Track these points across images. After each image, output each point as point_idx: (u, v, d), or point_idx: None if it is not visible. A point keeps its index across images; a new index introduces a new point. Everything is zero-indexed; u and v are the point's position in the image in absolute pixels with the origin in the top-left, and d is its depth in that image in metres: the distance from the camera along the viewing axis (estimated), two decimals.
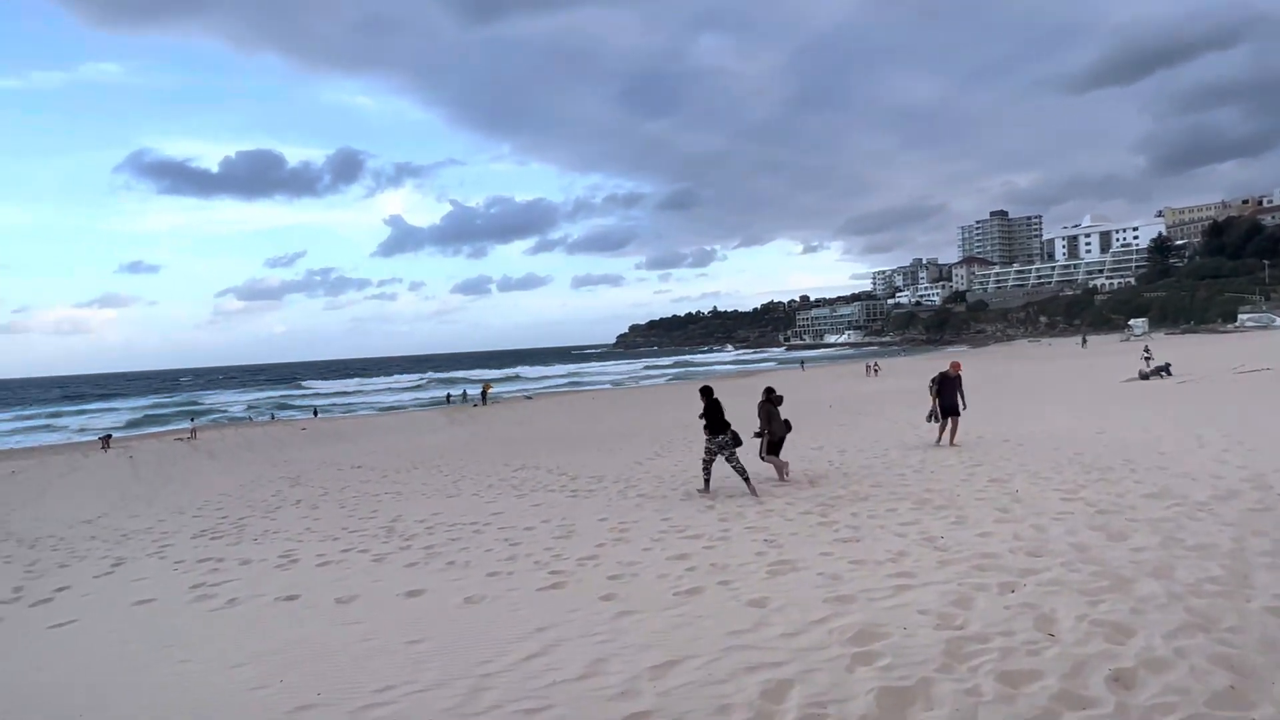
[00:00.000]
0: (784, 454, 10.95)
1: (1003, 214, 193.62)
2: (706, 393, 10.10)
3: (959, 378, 12.94)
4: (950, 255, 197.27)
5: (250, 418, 50.80)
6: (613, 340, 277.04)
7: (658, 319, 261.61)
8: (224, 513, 13.05)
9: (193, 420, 41.86)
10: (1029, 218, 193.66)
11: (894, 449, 13.21)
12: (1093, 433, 13.11)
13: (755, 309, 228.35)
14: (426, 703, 4.26)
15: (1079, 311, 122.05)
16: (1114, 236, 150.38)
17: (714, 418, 9.81)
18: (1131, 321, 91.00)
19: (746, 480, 9.66)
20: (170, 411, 59.20)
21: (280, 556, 8.63)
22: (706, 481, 10.14)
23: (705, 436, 9.92)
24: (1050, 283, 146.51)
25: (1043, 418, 16.33)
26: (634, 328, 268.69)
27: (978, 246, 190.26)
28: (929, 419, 13.21)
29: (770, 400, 10.66)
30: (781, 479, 10.48)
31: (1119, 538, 6.30)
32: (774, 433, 10.53)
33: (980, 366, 43.71)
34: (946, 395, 12.78)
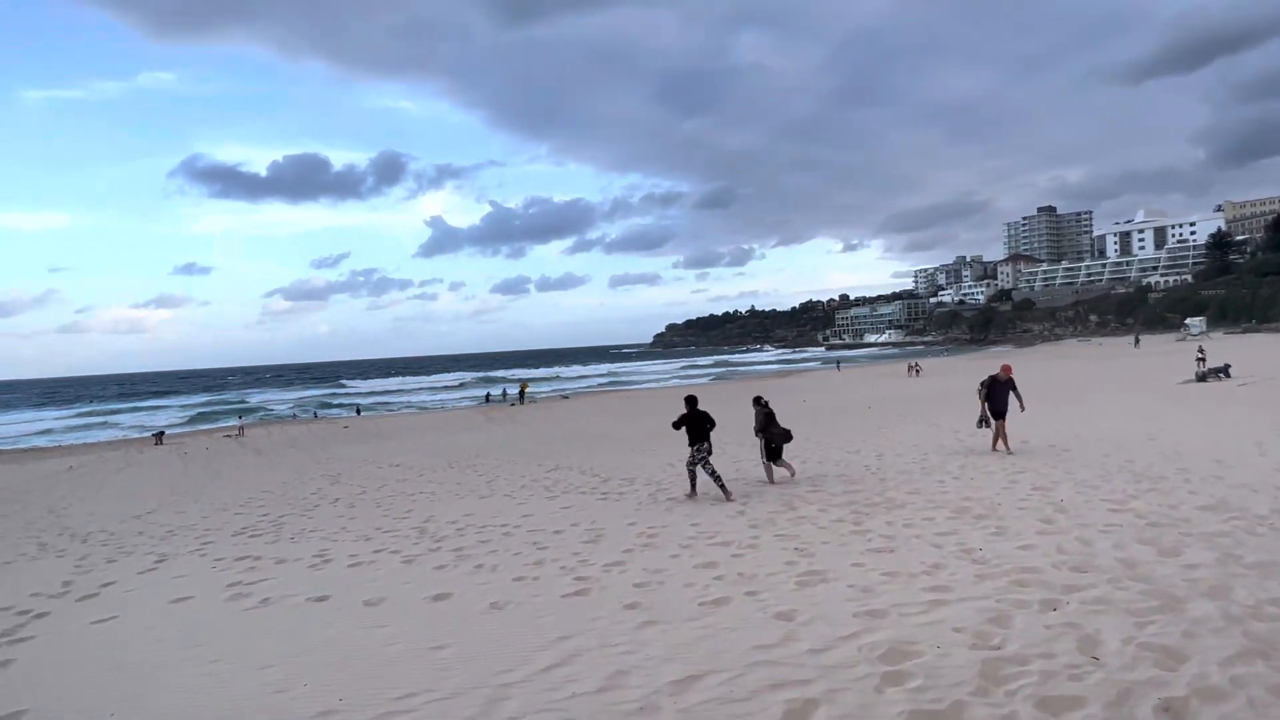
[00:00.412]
0: (787, 457, 11.55)
1: (1051, 210, 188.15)
2: (691, 402, 10.46)
3: (1010, 381, 12.36)
4: (995, 253, 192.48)
5: (294, 415, 52.07)
6: (650, 340, 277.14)
7: (695, 318, 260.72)
8: (265, 510, 13.33)
9: (241, 418, 43.11)
10: (1078, 213, 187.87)
11: (933, 454, 12.86)
12: (1144, 438, 12.56)
13: (793, 308, 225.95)
14: (445, 712, 4.22)
15: (1132, 310, 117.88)
16: (1169, 232, 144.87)
17: (695, 428, 10.18)
18: (1188, 320, 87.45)
19: (722, 486, 10.06)
20: (220, 409, 61.04)
21: (315, 556, 8.74)
22: (693, 485, 10.45)
23: (689, 444, 10.31)
24: (1101, 280, 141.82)
25: (1091, 422, 15.74)
26: (671, 327, 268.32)
27: (1024, 243, 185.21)
28: (979, 425, 12.64)
29: (761, 407, 11.20)
30: (771, 481, 11.04)
31: (1171, 553, 5.97)
32: (772, 436, 11.01)
33: (1026, 367, 42.45)
34: (997, 400, 12.24)
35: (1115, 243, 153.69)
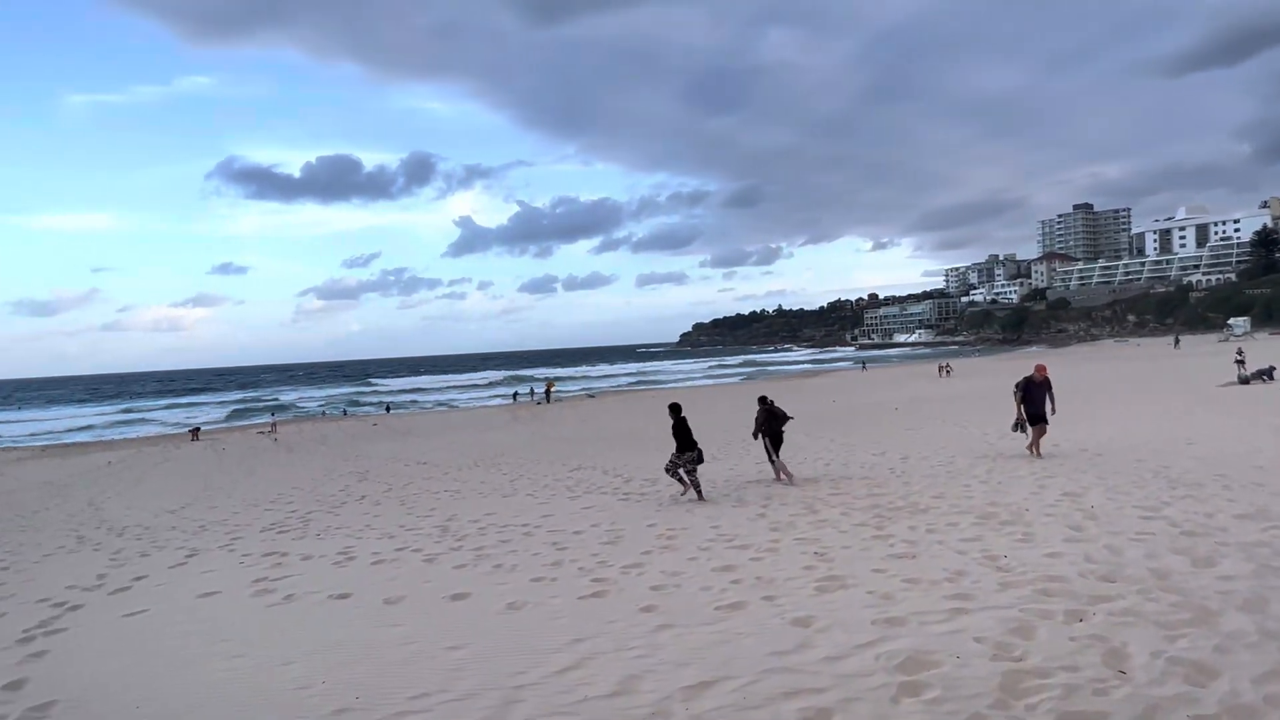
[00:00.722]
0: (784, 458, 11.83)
1: (1087, 207, 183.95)
2: (675, 410, 10.79)
3: (1046, 382, 11.88)
4: (1029, 251, 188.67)
5: (324, 413, 52.97)
6: (676, 339, 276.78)
7: (722, 317, 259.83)
8: (294, 506, 13.57)
9: (273, 415, 43.97)
10: (1116, 211, 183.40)
11: (961, 457, 12.63)
12: (1182, 443, 12.20)
13: (821, 307, 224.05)
14: (458, 712, 4.23)
15: (1172, 310, 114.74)
16: (1212, 229, 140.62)
17: (681, 437, 10.52)
18: (1231, 320, 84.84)
19: (699, 492, 10.41)
20: (255, 406, 62.33)
21: (339, 553, 8.86)
22: (681, 482, 10.66)
23: (673, 451, 10.60)
24: (1139, 279, 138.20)
25: (1126, 425, 15.33)
26: (698, 326, 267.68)
27: (1059, 241, 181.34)
28: (1014, 429, 12.13)
29: (764, 406, 11.56)
30: (778, 478, 11.39)
31: (1205, 564, 5.77)
32: (775, 434, 11.42)
33: (1059, 368, 41.52)
34: (1033, 402, 11.77)
35: (1155, 240, 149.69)
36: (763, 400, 11.72)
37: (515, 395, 54.99)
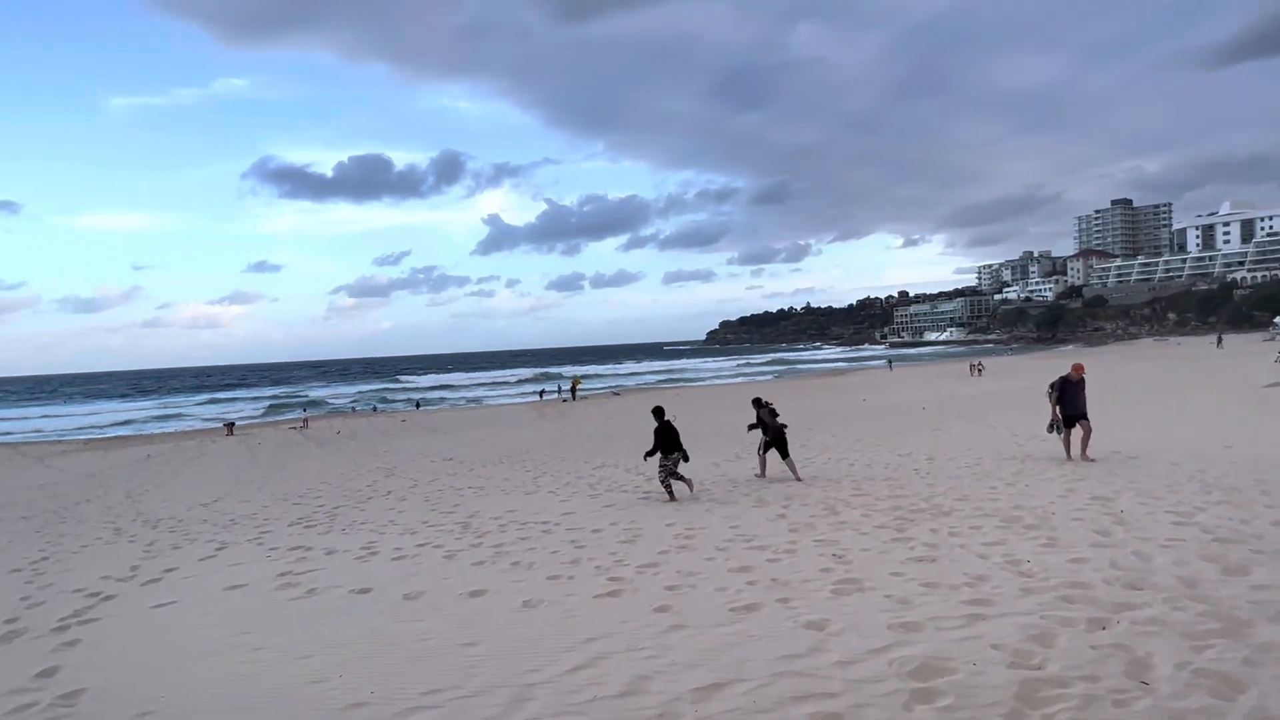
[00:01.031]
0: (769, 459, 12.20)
1: (1126, 202, 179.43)
2: (658, 413, 11.03)
3: (1083, 381, 11.47)
4: (1065, 248, 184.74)
5: (354, 409, 53.82)
6: (703, 337, 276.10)
7: (749, 315, 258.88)
8: (321, 501, 13.81)
9: (305, 411, 44.81)
10: (1156, 206, 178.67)
11: (988, 458, 12.40)
12: (1220, 446, 11.83)
13: (850, 305, 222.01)
14: (469, 709, 4.27)
15: (1214, 308, 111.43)
16: (1258, 224, 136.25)
17: (666, 440, 10.71)
18: (1278, 319, 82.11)
19: (670, 494, 10.63)
20: (288, 402, 63.58)
21: (362, 548, 8.99)
22: (670, 492, 10.70)
23: (659, 455, 10.79)
24: (1180, 276, 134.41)
25: (1163, 427, 14.92)
26: (725, 324, 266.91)
27: (1097, 238, 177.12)
28: (1050, 429, 11.74)
29: (763, 407, 11.90)
30: (762, 474, 11.94)
31: (1237, 572, 5.59)
32: (775, 431, 11.72)
33: (1096, 367, 40.52)
34: (1069, 402, 11.36)
35: (1197, 236, 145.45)
36: (758, 402, 12.12)
37: (541, 393, 55.28)
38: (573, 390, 49.90)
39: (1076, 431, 11.47)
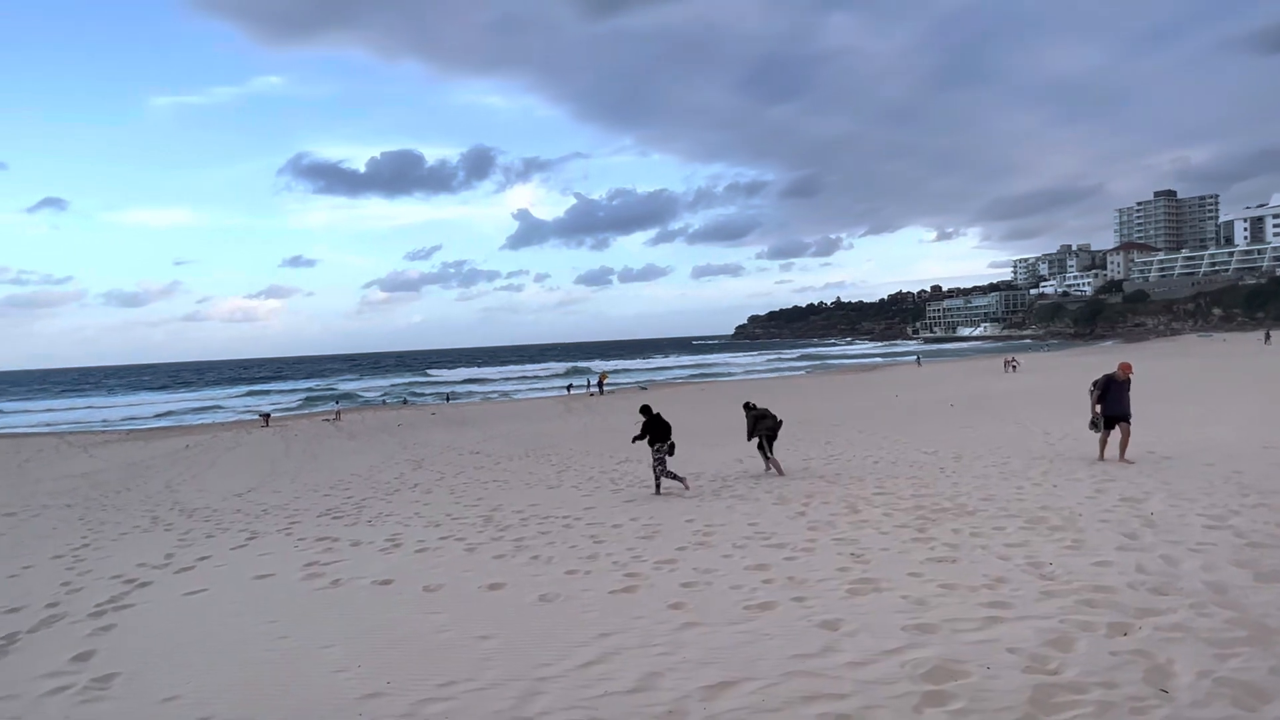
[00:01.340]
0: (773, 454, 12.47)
1: (1170, 194, 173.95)
2: (646, 411, 11.58)
3: (1129, 381, 10.95)
4: (1105, 241, 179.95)
5: (384, 401, 54.66)
6: (731, 331, 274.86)
7: (778, 310, 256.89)
8: (350, 493, 14.08)
9: (338, 403, 45.64)
10: (1202, 198, 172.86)
11: (1017, 457, 12.18)
12: (1259, 447, 11.46)
13: (882, 300, 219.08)
14: (482, 702, 4.34)
15: (1263, 303, 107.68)
16: None
17: (655, 432, 11.20)
18: None
19: (658, 486, 11.12)
20: (322, 395, 64.83)
21: (386, 540, 9.16)
22: (658, 484, 11.18)
23: (651, 448, 11.28)
24: (1227, 270, 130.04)
25: (1202, 427, 14.50)
26: (753, 319, 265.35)
27: (1138, 231, 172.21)
28: (1091, 427, 11.28)
29: (751, 410, 12.46)
30: (768, 469, 12.27)
31: (1270, 579, 5.43)
32: (758, 433, 12.18)
33: (1135, 364, 39.47)
34: (1112, 402, 10.87)
35: (1245, 229, 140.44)
36: (748, 406, 12.67)
37: (569, 387, 55.58)
38: (600, 384, 50.08)
39: (1115, 433, 11.08)
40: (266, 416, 40.11)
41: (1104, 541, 6.62)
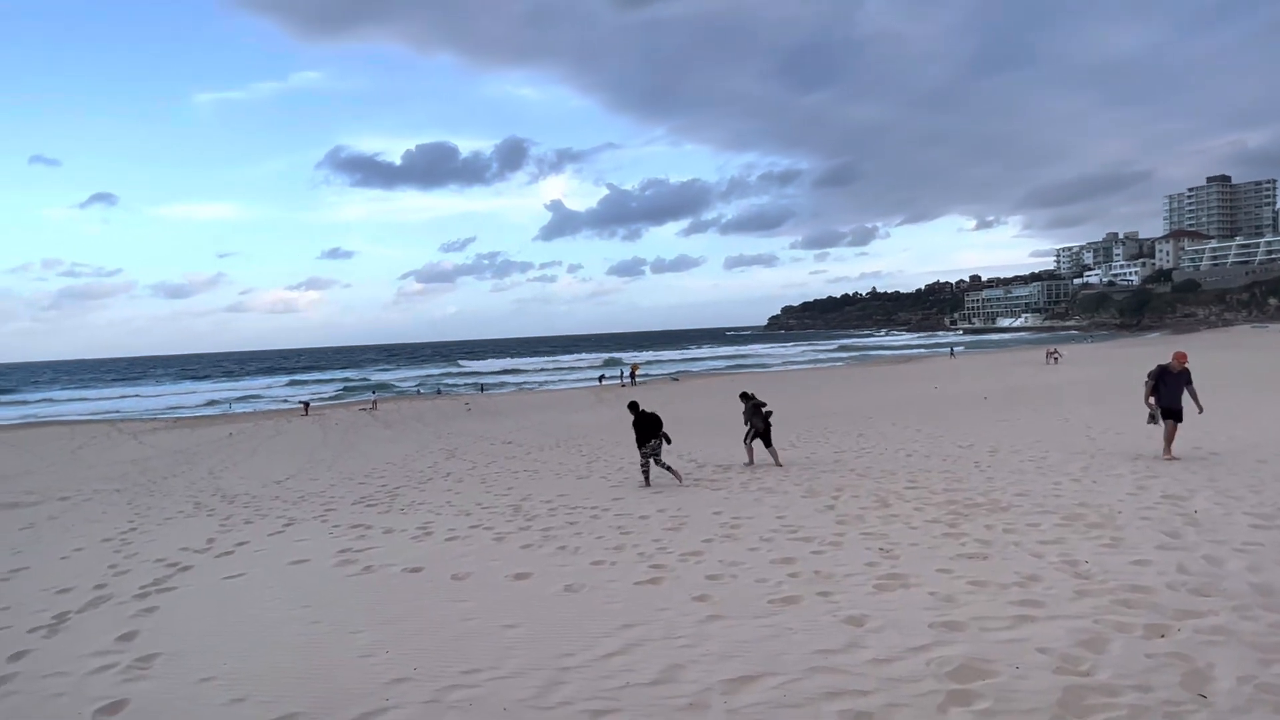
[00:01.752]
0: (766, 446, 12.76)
1: (1224, 179, 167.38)
2: (633, 408, 11.94)
3: (1186, 372, 10.47)
4: (1153, 229, 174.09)
5: (419, 391, 55.50)
6: (764, 322, 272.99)
7: (812, 300, 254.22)
8: (384, 481, 14.34)
9: (374, 393, 46.48)
10: (1258, 183, 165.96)
11: (1055, 451, 11.88)
12: None
13: (919, 290, 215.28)
14: (504, 690, 4.39)
15: None
16: None
17: (640, 432, 11.49)
18: None
19: (646, 479, 11.35)
20: (359, 385, 66.12)
21: (418, 529, 9.31)
22: (646, 476, 11.42)
23: (639, 449, 11.53)
24: None
25: (1252, 422, 13.97)
26: (787, 309, 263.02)
27: (1189, 218, 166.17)
28: (1150, 421, 10.85)
29: (749, 401, 12.82)
30: (750, 462, 12.68)
31: None
32: (755, 426, 12.58)
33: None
34: (1168, 394, 10.44)
35: None
36: (745, 396, 13.00)
37: (601, 378, 55.77)
38: (632, 375, 50.18)
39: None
40: (306, 405, 41.06)
41: (1144, 540, 6.42)
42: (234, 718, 4.31)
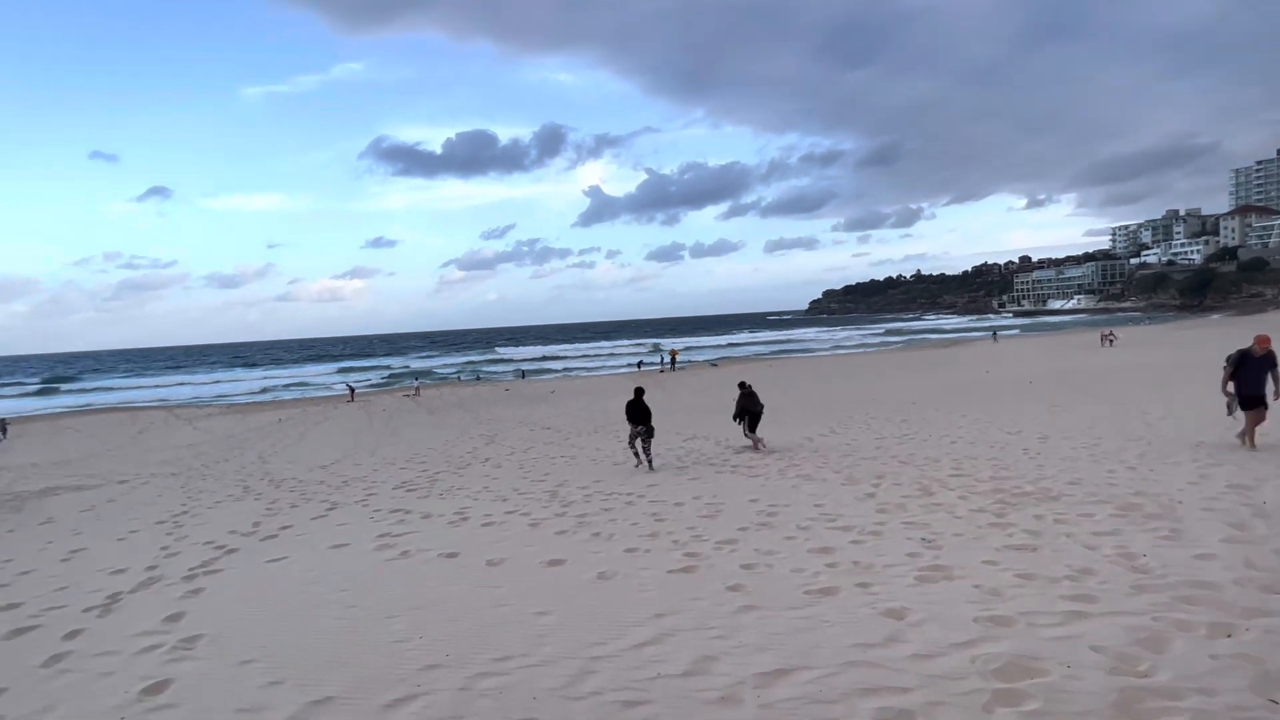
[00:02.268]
0: (760, 432, 13.57)
1: None
2: (637, 393, 12.63)
3: (1270, 356, 9.66)
4: (1217, 205, 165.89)
5: (460, 378, 56.27)
6: (805, 306, 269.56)
7: (855, 284, 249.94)
8: (425, 466, 14.54)
9: (417, 380, 47.29)
10: None
11: (1110, 438, 11.39)
12: None
13: (965, 272, 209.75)
14: (535, 678, 4.35)
15: None
16: None
17: (634, 413, 12.26)
18: None
19: (649, 463, 11.97)
20: (402, 372, 67.37)
21: (455, 514, 9.38)
22: (635, 455, 12.31)
23: (631, 425, 12.33)
24: None
25: None
26: (828, 293, 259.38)
27: (1258, 192, 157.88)
28: (1229, 413, 10.23)
29: (743, 390, 13.57)
30: (757, 449, 12.89)
31: None
32: (749, 411, 13.34)
33: (1246, 339, 36.36)
34: (1249, 381, 9.69)
35: None
36: (743, 385, 13.68)
37: (639, 363, 55.76)
38: (672, 361, 50.08)
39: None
40: (352, 391, 41.96)
41: (1207, 532, 6.08)
42: (271, 699, 4.36)
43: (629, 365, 58.57)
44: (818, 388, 28.77)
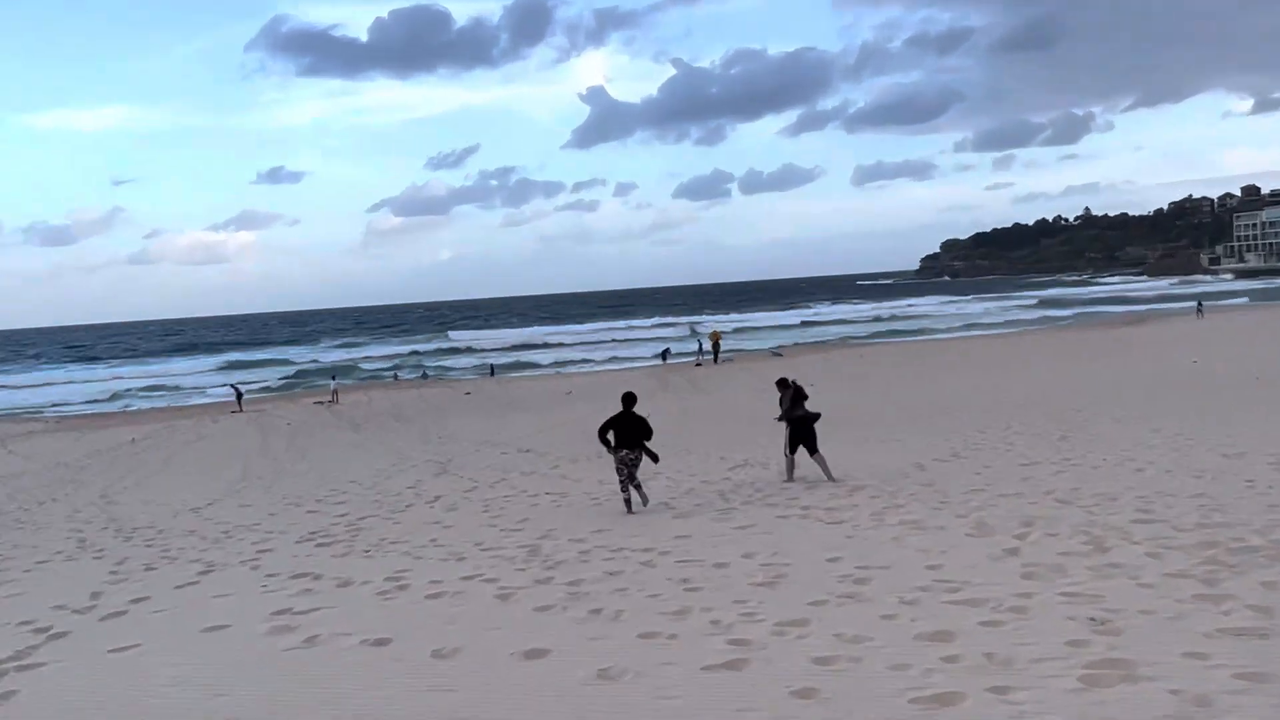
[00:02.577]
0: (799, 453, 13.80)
1: None
2: (626, 400, 13.12)
3: None
4: None
5: (396, 376, 56.82)
6: (916, 265, 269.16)
7: (989, 230, 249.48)
8: (345, 508, 14.75)
9: (335, 379, 47.77)
10: None
11: None
12: None
13: (1158, 211, 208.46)
14: None
15: None
16: None
17: (617, 431, 12.64)
18: None
19: (629, 503, 12.43)
20: (311, 368, 68.24)
21: (387, 580, 9.51)
22: (626, 500, 12.54)
23: (613, 454, 12.77)
24: None
25: None
26: (950, 245, 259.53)
27: None
28: None
29: (788, 389, 13.95)
30: (790, 479, 13.67)
31: None
32: (795, 422, 13.59)
33: None
34: None
35: None
36: (783, 383, 14.26)
37: (665, 354, 55.97)
38: (714, 349, 50.16)
39: None
40: (240, 397, 42.53)
41: None
42: None
43: (651, 356, 58.82)
44: (933, 388, 28.69)
